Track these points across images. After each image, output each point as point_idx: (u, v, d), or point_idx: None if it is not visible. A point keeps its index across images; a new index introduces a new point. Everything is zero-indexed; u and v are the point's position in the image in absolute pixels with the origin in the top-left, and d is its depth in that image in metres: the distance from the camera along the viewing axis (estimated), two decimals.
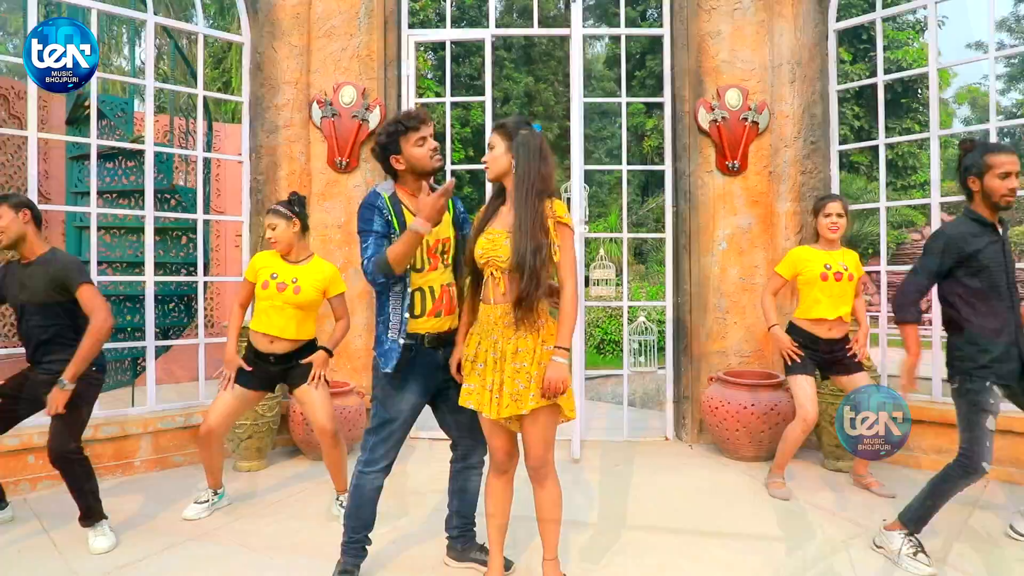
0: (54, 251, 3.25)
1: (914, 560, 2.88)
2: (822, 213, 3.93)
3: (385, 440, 2.63)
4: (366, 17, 5.08)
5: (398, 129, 2.56)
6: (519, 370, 2.37)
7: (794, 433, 3.81)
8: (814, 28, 4.87)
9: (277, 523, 3.52)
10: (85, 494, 3.18)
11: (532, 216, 2.36)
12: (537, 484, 2.55)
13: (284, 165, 4.95)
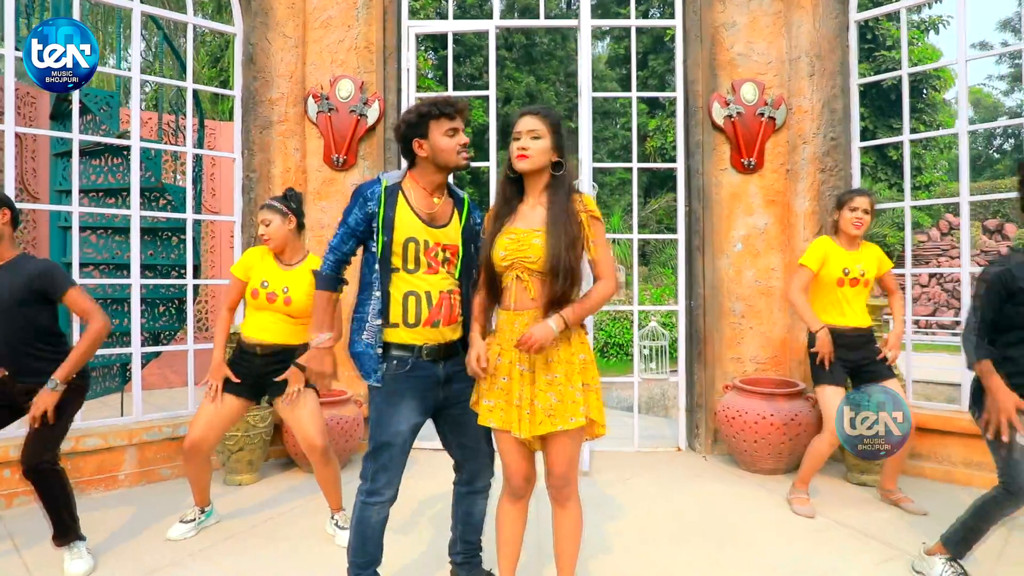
0: (25, 256, 3.01)
1: None
2: (848, 207, 3.68)
3: (386, 468, 2.33)
4: (364, 7, 4.85)
5: (431, 112, 2.31)
6: (552, 382, 2.15)
7: (821, 447, 3.57)
8: (834, 19, 4.64)
9: (268, 544, 3.28)
10: (60, 511, 2.94)
11: (567, 212, 2.20)
12: (558, 505, 2.33)
13: (278, 162, 4.72)
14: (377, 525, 2.35)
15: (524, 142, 2.23)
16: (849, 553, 3.14)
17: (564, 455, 2.23)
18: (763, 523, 3.51)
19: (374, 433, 2.33)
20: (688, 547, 3.21)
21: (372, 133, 4.84)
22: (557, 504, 2.34)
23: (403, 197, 2.35)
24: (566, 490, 2.29)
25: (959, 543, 2.71)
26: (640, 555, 3.12)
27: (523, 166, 2.24)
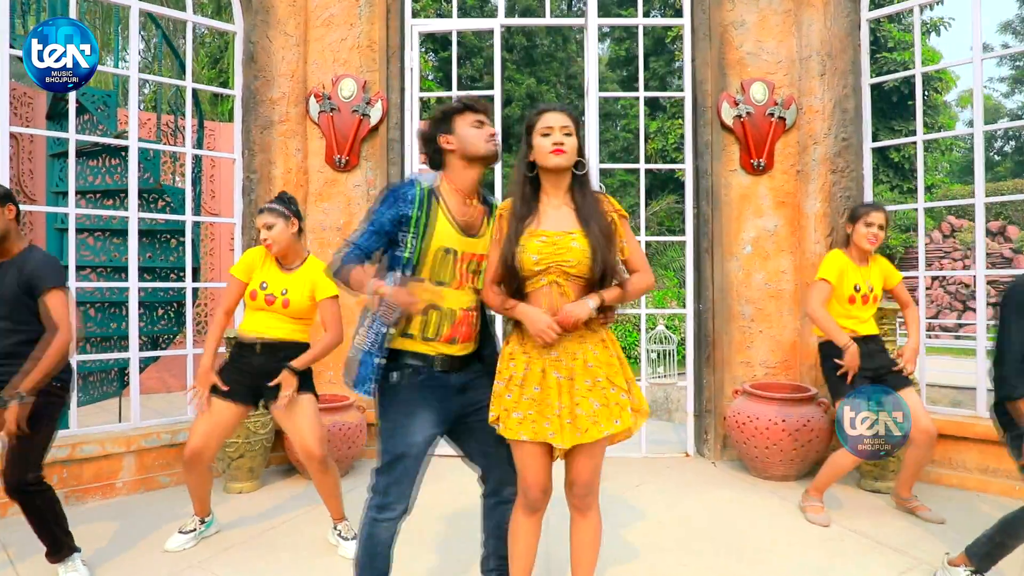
0: (32, 248, 2.92)
1: None
2: (863, 221, 3.59)
3: (399, 481, 2.19)
4: (367, 6, 4.77)
5: (455, 108, 2.23)
6: (593, 387, 2.08)
7: (845, 461, 3.45)
8: (845, 17, 4.56)
9: (268, 555, 3.19)
10: (50, 528, 2.84)
11: (600, 212, 2.17)
12: (579, 514, 2.26)
13: (279, 163, 4.64)
14: (387, 541, 2.23)
15: (558, 137, 2.12)
16: (865, 563, 3.05)
17: (591, 463, 2.16)
18: (775, 531, 3.43)
19: (387, 445, 2.20)
20: (698, 556, 3.13)
21: (375, 133, 4.76)
22: (578, 512, 2.26)
23: (442, 202, 2.21)
24: (589, 498, 2.22)
25: (984, 556, 2.62)
26: (649, 564, 3.04)
27: (560, 161, 2.13)
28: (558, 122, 2.14)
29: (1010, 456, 2.62)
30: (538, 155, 2.16)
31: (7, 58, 3.82)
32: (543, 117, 2.17)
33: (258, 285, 3.15)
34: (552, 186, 2.20)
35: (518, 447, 2.17)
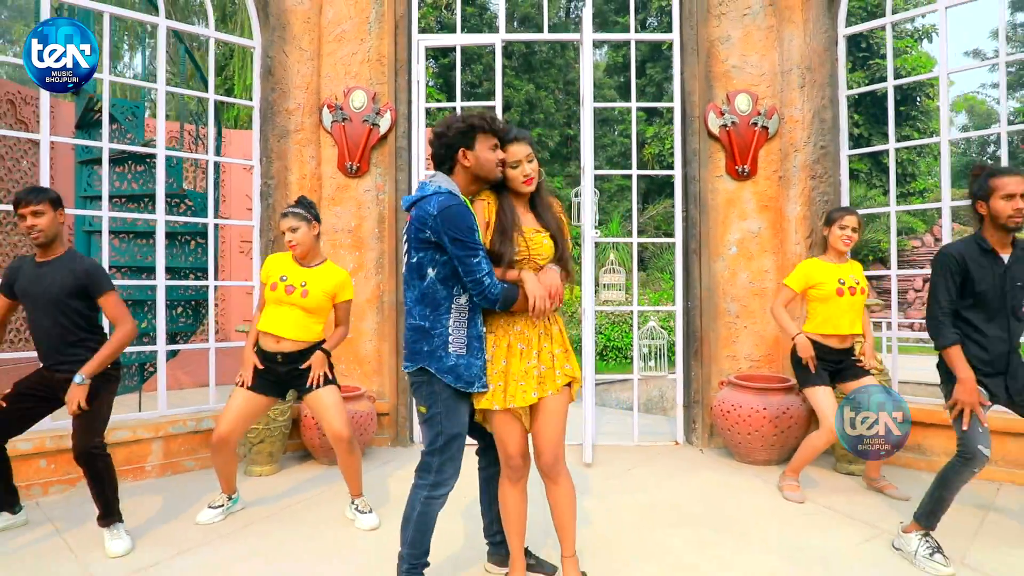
0: (72, 252, 3.25)
1: (931, 560, 2.88)
2: (837, 224, 3.92)
3: (453, 458, 2.49)
4: (376, 22, 5.10)
5: (481, 125, 2.44)
6: (542, 352, 2.50)
7: (818, 442, 3.78)
8: (823, 33, 4.89)
9: (291, 528, 3.50)
10: (106, 493, 3.17)
11: (554, 214, 2.62)
12: (551, 481, 2.56)
13: (294, 169, 4.96)
14: (436, 516, 2.52)
15: (526, 169, 2.51)
16: (835, 534, 3.36)
17: (552, 431, 2.51)
18: (756, 509, 3.74)
19: (444, 427, 2.44)
20: (685, 530, 3.43)
21: (384, 142, 5.08)
22: (550, 481, 2.57)
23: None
24: (557, 466, 2.54)
25: (928, 515, 2.96)
26: (639, 538, 3.34)
27: (531, 188, 2.54)
28: (523, 152, 2.50)
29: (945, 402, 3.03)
30: (512, 184, 2.53)
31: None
32: (509, 150, 2.50)
33: (278, 278, 3.46)
34: (516, 196, 2.58)
35: (494, 417, 2.52)
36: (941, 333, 2.97)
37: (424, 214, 2.34)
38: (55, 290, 3.13)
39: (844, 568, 2.97)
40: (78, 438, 3.09)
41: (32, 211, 3.10)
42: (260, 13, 4.92)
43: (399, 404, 5.06)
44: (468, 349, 2.42)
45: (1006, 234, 2.96)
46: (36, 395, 3.28)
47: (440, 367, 2.39)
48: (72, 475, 4.03)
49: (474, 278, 2.33)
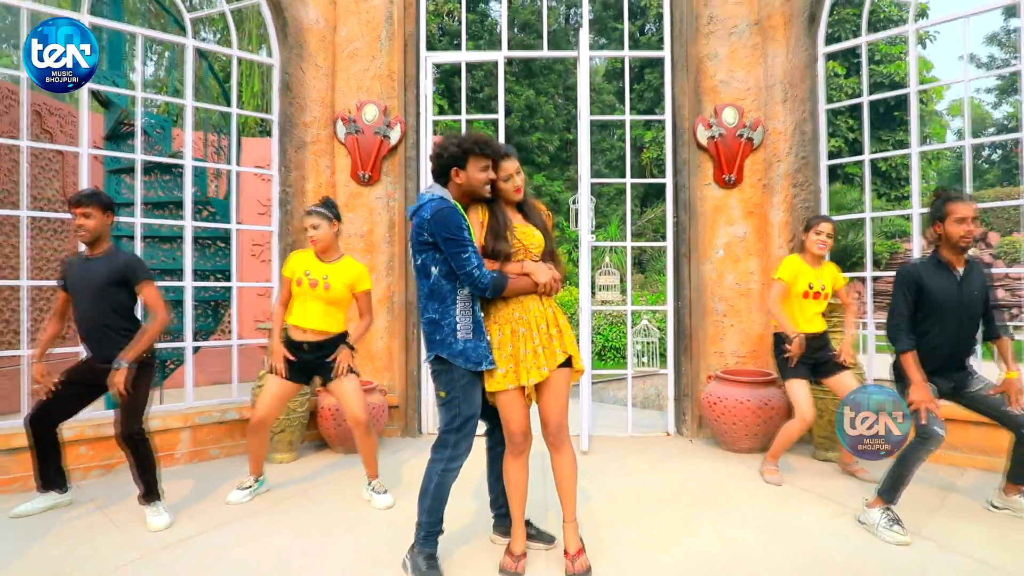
0: (115, 248, 3.61)
1: (890, 531, 3.24)
2: (813, 230, 4.28)
3: (468, 435, 2.83)
4: (387, 40, 5.45)
5: (472, 148, 2.79)
6: (539, 332, 2.84)
7: (793, 430, 4.15)
8: (804, 51, 5.24)
9: (314, 505, 3.85)
10: (147, 473, 3.52)
11: (538, 212, 3.07)
12: (556, 450, 2.91)
13: (311, 178, 5.31)
14: (449, 489, 2.88)
15: (517, 181, 2.95)
16: (809, 511, 3.71)
17: (557, 404, 2.86)
18: (738, 490, 4.08)
19: (460, 409, 2.79)
20: (673, 508, 3.78)
21: (394, 152, 5.43)
22: (555, 449, 2.92)
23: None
24: (561, 435, 2.89)
25: (890, 490, 3.32)
26: (631, 514, 3.68)
27: (520, 197, 2.99)
28: (513, 167, 2.94)
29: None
30: (505, 194, 2.96)
31: (86, 92, 4.46)
32: (502, 166, 2.91)
33: (302, 273, 3.82)
34: (506, 203, 3.00)
35: (502, 396, 2.84)
36: (899, 339, 3.37)
37: (421, 220, 2.74)
38: (99, 280, 3.49)
39: (813, 540, 3.32)
40: (122, 424, 3.43)
41: (83, 212, 3.46)
42: (279, 33, 5.28)
43: (408, 397, 5.41)
44: (473, 333, 2.78)
45: (959, 252, 3.35)
46: (82, 383, 3.63)
47: (451, 352, 2.75)
48: (110, 460, 4.39)
49: (464, 270, 2.70)
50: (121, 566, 3.05)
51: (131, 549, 3.24)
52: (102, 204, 3.50)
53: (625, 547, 3.23)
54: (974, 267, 3.42)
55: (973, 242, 3.33)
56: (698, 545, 3.26)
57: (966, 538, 3.31)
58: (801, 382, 4.16)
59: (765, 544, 3.26)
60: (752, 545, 3.26)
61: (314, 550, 3.23)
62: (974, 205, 3.32)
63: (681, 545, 3.26)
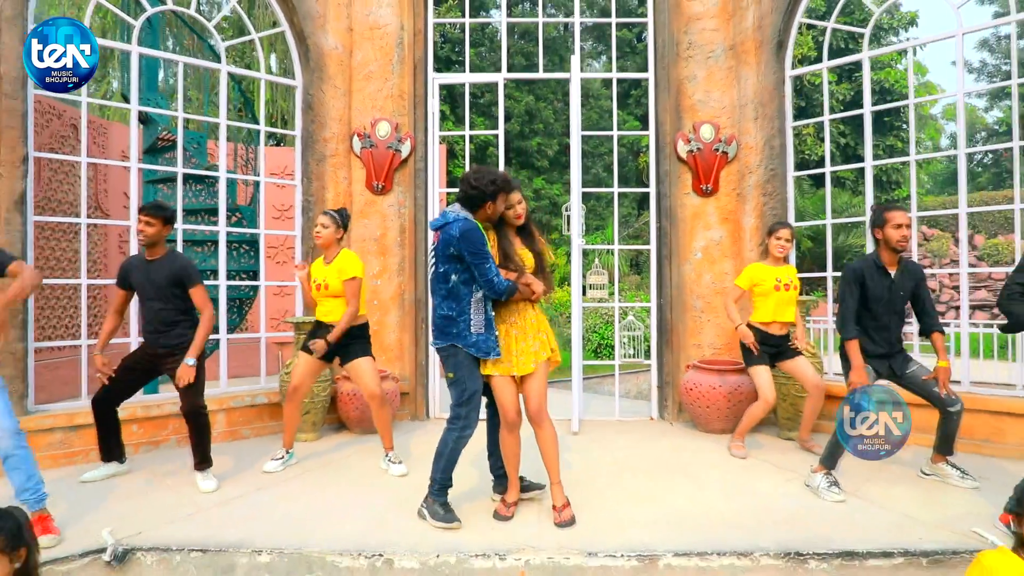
0: (173, 252, 4.21)
1: (828, 491, 3.84)
2: (774, 235, 4.89)
3: (475, 407, 3.47)
4: (399, 63, 6.05)
5: (504, 187, 3.43)
6: (532, 336, 3.51)
7: (756, 411, 4.76)
8: (773, 74, 5.84)
9: (338, 474, 4.46)
10: (204, 443, 4.14)
11: (537, 240, 3.68)
12: (537, 427, 3.53)
13: (330, 188, 5.92)
14: (460, 453, 3.52)
15: (519, 210, 3.57)
16: (766, 477, 4.31)
17: (538, 389, 3.50)
18: (708, 463, 4.68)
19: (466, 385, 3.42)
20: (647, 476, 4.38)
21: (405, 165, 6.04)
22: (537, 426, 3.54)
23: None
24: (540, 415, 3.51)
25: (829, 457, 3.92)
26: (614, 480, 4.28)
27: (522, 222, 3.60)
28: (516, 198, 3.55)
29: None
30: (508, 219, 3.56)
31: (135, 115, 5.06)
32: (509, 198, 3.50)
33: (314, 283, 4.51)
34: (509, 226, 3.61)
35: (496, 380, 3.47)
36: (846, 328, 3.97)
37: (450, 236, 3.34)
38: (162, 281, 4.09)
39: (766, 498, 3.92)
40: (187, 401, 4.07)
41: (146, 221, 4.06)
42: (302, 58, 5.89)
43: (417, 385, 6.01)
44: (485, 328, 3.41)
45: (895, 255, 3.94)
46: (140, 368, 4.24)
47: (466, 343, 3.40)
48: (156, 438, 5.00)
49: (486, 278, 3.33)
50: (182, 517, 3.66)
51: (188, 506, 3.84)
52: (163, 216, 4.09)
53: (607, 505, 3.83)
54: (906, 268, 4.02)
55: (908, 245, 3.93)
56: (669, 502, 3.86)
57: (895, 497, 3.91)
58: (763, 368, 4.76)
59: (726, 501, 3.87)
60: (715, 502, 3.86)
61: (342, 506, 3.83)
62: (907, 214, 3.93)
63: (655, 502, 3.86)
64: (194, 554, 3.28)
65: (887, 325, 3.99)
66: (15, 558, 2.07)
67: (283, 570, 3.21)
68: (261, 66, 5.78)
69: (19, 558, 2.09)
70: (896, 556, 3.20)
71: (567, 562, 3.18)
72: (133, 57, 4.99)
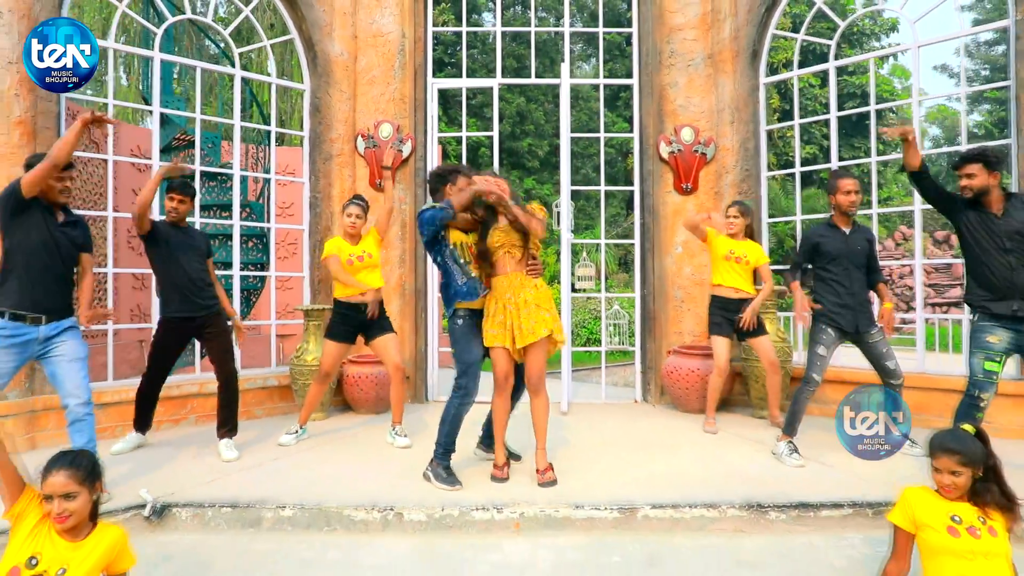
0: (191, 226, 4.70)
1: (790, 457, 4.29)
2: (724, 214, 5.41)
3: (474, 377, 3.90)
4: (400, 69, 6.47)
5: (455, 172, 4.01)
6: (530, 311, 3.82)
7: (714, 382, 5.25)
8: (748, 81, 6.30)
9: (348, 446, 4.87)
10: (235, 409, 4.58)
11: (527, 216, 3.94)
12: (535, 395, 3.93)
13: (336, 185, 6.33)
14: (462, 420, 3.96)
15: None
16: (736, 448, 4.76)
17: (537, 361, 3.87)
18: (686, 437, 5.13)
19: (464, 357, 3.90)
20: (629, 448, 4.81)
21: (405, 164, 6.45)
22: (534, 394, 3.94)
23: None
24: (539, 384, 3.90)
25: (789, 425, 4.38)
26: (598, 452, 4.71)
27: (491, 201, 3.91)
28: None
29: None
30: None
31: (158, 116, 5.46)
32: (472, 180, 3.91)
33: (349, 255, 4.90)
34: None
35: (494, 351, 3.89)
36: (793, 274, 4.60)
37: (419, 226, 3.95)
38: (200, 245, 4.58)
39: (734, 464, 4.36)
40: (227, 365, 4.55)
41: (179, 199, 4.48)
42: (310, 64, 6.29)
43: (418, 370, 6.43)
44: (467, 279, 3.93)
45: (847, 217, 4.43)
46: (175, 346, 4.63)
47: (458, 295, 3.93)
48: (177, 416, 5.39)
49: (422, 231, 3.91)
50: (208, 482, 4.05)
51: (213, 472, 4.24)
52: (192, 195, 4.60)
53: (592, 469, 4.27)
54: (858, 228, 4.50)
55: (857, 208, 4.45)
56: (648, 467, 4.30)
57: (851, 463, 4.26)
58: (722, 338, 5.27)
59: (698, 466, 4.32)
60: (688, 467, 4.31)
61: (354, 472, 4.25)
62: (855, 180, 4.44)
63: (635, 467, 4.30)
64: (224, 509, 3.68)
65: (849, 278, 4.40)
66: (93, 490, 2.48)
67: (304, 523, 3.63)
68: (272, 71, 6.18)
69: (96, 491, 2.49)
70: (845, 507, 3.66)
71: (557, 514, 3.61)
72: (155, 63, 5.39)
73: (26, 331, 3.64)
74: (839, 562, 3.27)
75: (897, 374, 4.38)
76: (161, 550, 3.40)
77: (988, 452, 2.64)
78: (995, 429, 5.13)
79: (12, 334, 3.61)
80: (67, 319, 3.78)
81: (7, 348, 3.64)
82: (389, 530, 3.58)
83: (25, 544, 2.35)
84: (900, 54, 24.76)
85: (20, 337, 3.63)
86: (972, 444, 2.63)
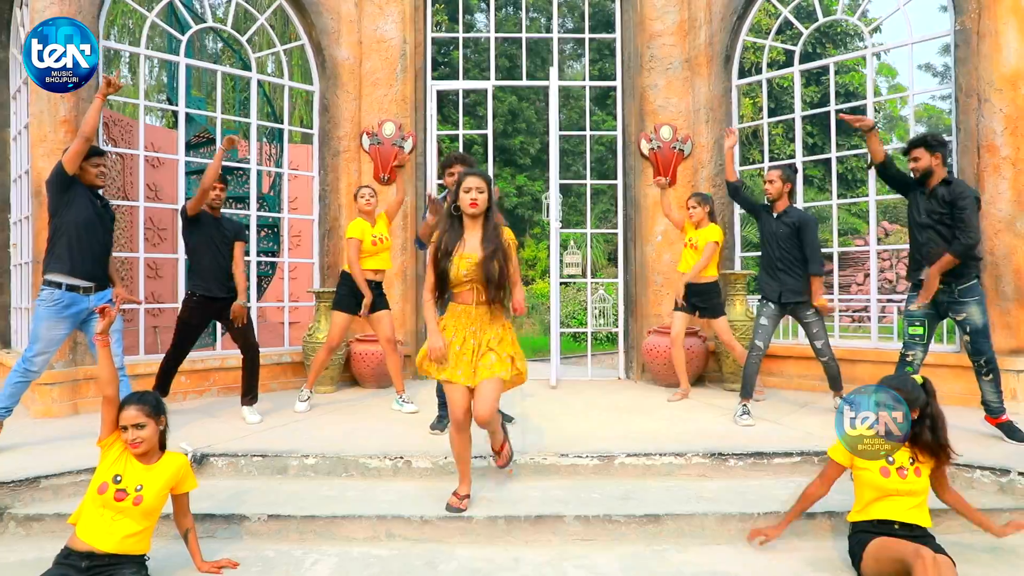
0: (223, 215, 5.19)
1: (741, 418, 4.88)
2: (687, 205, 5.99)
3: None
4: (402, 72, 7.01)
5: (451, 162, 4.52)
6: (491, 350, 3.41)
7: (676, 353, 5.89)
8: (722, 84, 6.86)
9: (359, 413, 5.44)
10: (256, 377, 5.10)
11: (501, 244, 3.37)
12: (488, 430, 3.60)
13: (343, 179, 6.87)
14: None
15: (474, 195, 3.30)
16: (705, 413, 5.34)
17: (490, 399, 3.35)
18: (660, 405, 5.70)
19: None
20: (609, 413, 5.39)
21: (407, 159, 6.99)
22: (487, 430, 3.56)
23: None
24: (492, 424, 3.52)
25: (744, 388, 4.98)
26: (581, 417, 5.27)
27: (475, 211, 3.32)
28: (474, 183, 3.29)
29: None
30: (461, 204, 3.34)
31: (183, 116, 5.98)
32: (465, 181, 3.32)
33: (375, 237, 5.45)
34: (471, 222, 3.40)
35: (448, 386, 3.45)
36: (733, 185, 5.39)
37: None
38: (230, 236, 5.08)
39: (699, 425, 4.94)
40: (249, 339, 5.09)
41: (221, 188, 5.02)
42: (319, 68, 6.83)
43: (417, 349, 6.96)
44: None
45: (774, 203, 5.06)
46: (200, 323, 5.14)
47: None
48: (201, 388, 5.93)
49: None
50: (237, 438, 4.59)
51: (240, 432, 4.78)
52: (226, 182, 5.12)
53: (577, 429, 4.85)
54: (791, 212, 5.03)
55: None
56: (625, 427, 4.88)
57: (805, 423, 4.95)
58: (681, 315, 5.92)
59: (670, 426, 4.90)
60: (661, 427, 4.89)
61: (366, 431, 4.81)
62: (778, 172, 5.08)
63: (614, 427, 4.88)
64: (255, 458, 4.23)
65: (776, 257, 5.00)
66: (160, 422, 3.02)
67: (325, 469, 4.18)
68: (286, 74, 6.72)
69: (162, 423, 3.04)
70: (795, 455, 4.23)
71: (544, 461, 4.18)
72: (181, 67, 5.91)
73: (80, 300, 4.22)
74: (784, 495, 3.82)
75: (823, 353, 5.05)
76: (201, 492, 3.93)
77: (929, 401, 3.05)
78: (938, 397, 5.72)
79: (68, 303, 4.20)
80: (108, 291, 4.39)
81: (64, 318, 4.22)
82: (399, 475, 4.15)
83: (112, 466, 2.92)
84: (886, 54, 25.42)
85: (75, 307, 4.23)
86: (912, 386, 3.06)
